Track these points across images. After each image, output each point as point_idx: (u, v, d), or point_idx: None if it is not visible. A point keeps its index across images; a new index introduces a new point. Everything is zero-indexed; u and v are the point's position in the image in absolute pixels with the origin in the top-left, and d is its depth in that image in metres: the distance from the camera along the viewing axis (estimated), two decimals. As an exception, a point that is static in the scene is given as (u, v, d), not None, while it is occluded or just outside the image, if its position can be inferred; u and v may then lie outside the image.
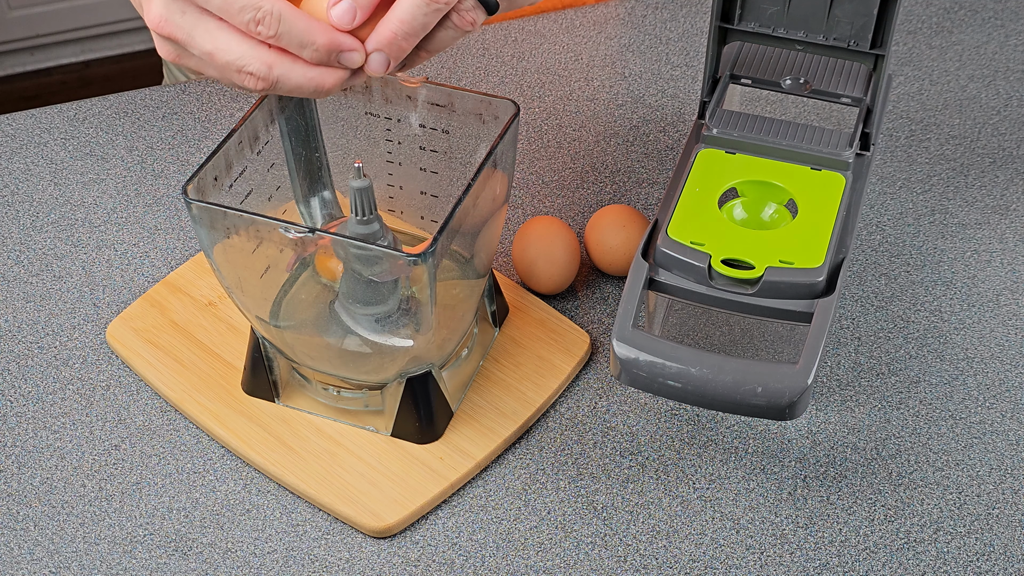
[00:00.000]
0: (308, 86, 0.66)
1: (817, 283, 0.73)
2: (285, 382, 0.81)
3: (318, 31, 0.64)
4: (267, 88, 0.65)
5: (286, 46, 0.65)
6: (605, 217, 0.88)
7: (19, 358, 0.86)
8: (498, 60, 1.08)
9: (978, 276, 0.91)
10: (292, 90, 0.66)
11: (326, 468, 0.78)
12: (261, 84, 0.65)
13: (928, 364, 0.85)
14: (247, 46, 0.65)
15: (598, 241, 0.88)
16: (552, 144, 1.01)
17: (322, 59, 0.65)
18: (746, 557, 0.75)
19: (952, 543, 0.76)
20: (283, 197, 0.83)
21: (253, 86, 0.65)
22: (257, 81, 0.65)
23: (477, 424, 0.80)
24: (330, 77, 0.66)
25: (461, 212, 0.71)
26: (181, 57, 0.67)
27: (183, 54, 0.67)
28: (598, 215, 0.89)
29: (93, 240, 0.94)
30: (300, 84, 0.66)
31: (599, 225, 0.88)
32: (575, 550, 0.76)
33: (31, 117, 1.03)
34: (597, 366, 0.85)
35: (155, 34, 0.67)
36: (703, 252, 0.74)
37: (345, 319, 0.78)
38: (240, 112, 1.03)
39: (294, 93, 0.66)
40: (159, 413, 0.83)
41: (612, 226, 0.88)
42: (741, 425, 0.82)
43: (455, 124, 0.79)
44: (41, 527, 0.77)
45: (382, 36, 0.66)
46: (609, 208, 0.89)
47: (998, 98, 1.04)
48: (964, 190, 0.97)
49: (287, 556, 0.75)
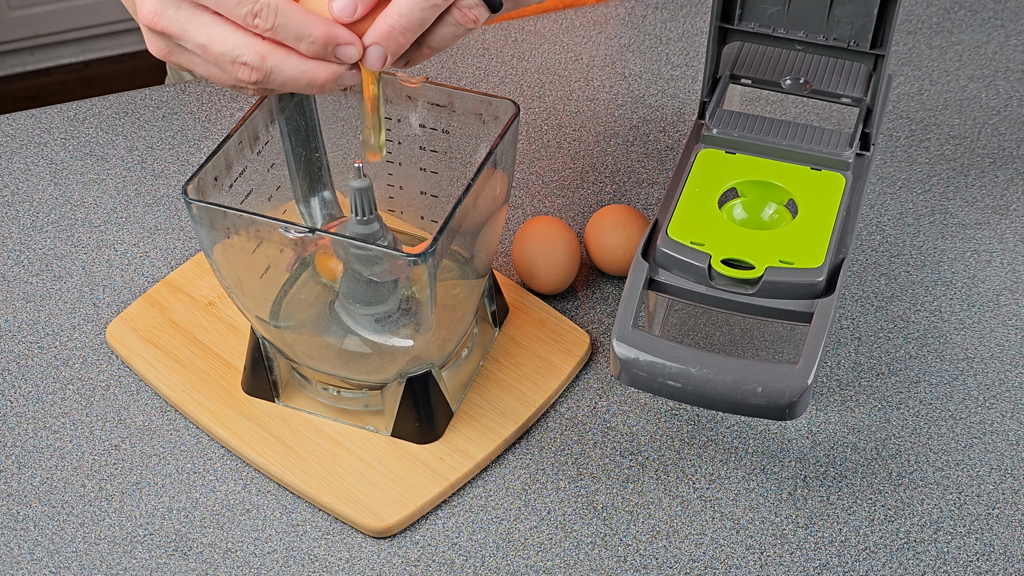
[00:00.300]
0: (302, 79, 0.66)
1: (817, 283, 0.73)
2: (285, 382, 0.81)
3: (316, 24, 0.64)
4: (260, 79, 0.65)
5: (283, 39, 0.65)
6: (605, 217, 0.89)
7: (19, 358, 0.86)
8: (498, 60, 1.08)
9: (978, 276, 0.91)
10: (286, 83, 0.66)
11: (326, 468, 0.78)
12: (255, 75, 0.65)
13: (928, 364, 0.85)
14: (241, 37, 0.64)
15: (598, 241, 0.88)
16: (552, 144, 1.01)
17: (318, 52, 0.65)
18: (746, 557, 0.75)
19: (952, 543, 0.76)
20: (283, 197, 0.83)
21: (247, 77, 0.65)
22: (251, 72, 0.65)
23: (477, 424, 0.80)
24: (324, 71, 0.66)
25: (461, 212, 0.71)
26: (172, 53, 0.67)
27: (175, 50, 0.67)
28: (598, 215, 0.89)
29: (93, 240, 0.94)
30: (294, 76, 0.65)
31: (599, 225, 0.88)
32: (575, 550, 0.76)
33: (31, 117, 1.03)
34: (597, 366, 0.85)
35: (147, 30, 0.67)
36: (703, 252, 0.74)
37: (345, 319, 0.78)
38: (240, 112, 1.03)
39: (288, 87, 0.66)
40: (159, 413, 0.83)
41: (612, 226, 0.88)
42: (741, 425, 0.82)
43: (455, 124, 0.79)
44: (41, 527, 0.77)
45: (380, 30, 0.66)
46: (609, 208, 0.89)
47: (998, 98, 1.04)
48: (964, 190, 0.97)
49: (287, 556, 0.75)
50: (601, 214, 0.89)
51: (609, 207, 0.89)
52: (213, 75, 0.67)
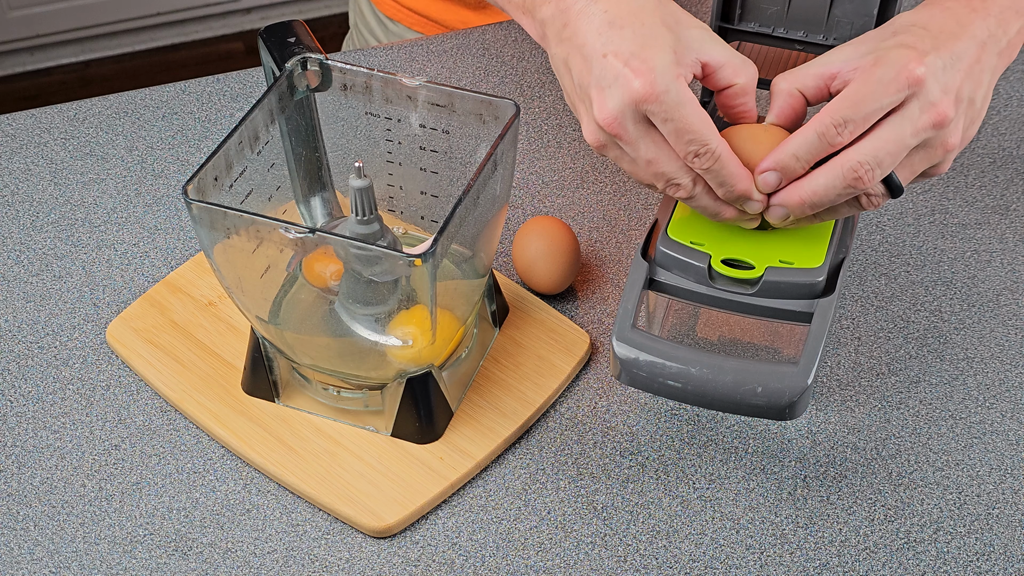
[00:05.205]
0: (710, 210, 0.73)
1: (817, 283, 0.73)
2: (285, 382, 0.81)
3: (739, 179, 0.70)
4: (683, 198, 0.72)
5: (708, 180, 0.71)
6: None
7: (19, 358, 0.86)
8: (498, 60, 1.08)
9: (978, 276, 0.91)
10: (696, 207, 0.73)
11: (326, 468, 0.78)
12: (681, 194, 0.71)
13: (928, 364, 0.85)
14: (677, 165, 0.70)
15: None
16: (552, 144, 1.01)
17: (730, 200, 0.72)
18: (746, 557, 0.75)
19: (952, 543, 0.76)
20: (283, 197, 0.83)
21: (672, 193, 0.72)
22: (679, 190, 0.71)
23: (477, 424, 0.80)
24: (728, 212, 0.73)
25: (461, 212, 0.71)
26: (608, 149, 0.72)
27: (613, 148, 0.71)
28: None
29: (93, 240, 0.94)
30: (706, 207, 0.72)
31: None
32: (575, 550, 0.76)
33: (31, 117, 1.03)
34: (597, 366, 0.85)
35: (596, 127, 0.71)
36: (703, 252, 0.74)
37: (345, 319, 0.78)
38: (240, 112, 1.03)
39: (694, 207, 0.73)
40: (159, 413, 0.83)
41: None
42: (741, 425, 0.82)
43: (455, 124, 0.79)
44: (41, 527, 0.77)
45: (791, 198, 0.71)
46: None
47: (998, 98, 1.04)
48: (964, 190, 0.97)
49: (287, 556, 0.75)
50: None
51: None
52: (639, 175, 0.72)
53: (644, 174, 0.71)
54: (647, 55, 0.68)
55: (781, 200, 0.71)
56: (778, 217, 0.72)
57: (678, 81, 0.68)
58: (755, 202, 0.71)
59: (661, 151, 0.70)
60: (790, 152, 0.69)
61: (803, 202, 0.70)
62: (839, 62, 0.71)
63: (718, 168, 0.69)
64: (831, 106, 0.68)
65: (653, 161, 0.70)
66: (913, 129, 0.68)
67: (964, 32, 0.70)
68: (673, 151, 0.70)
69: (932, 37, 0.69)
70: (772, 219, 0.72)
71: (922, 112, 0.68)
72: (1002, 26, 0.72)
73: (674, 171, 0.70)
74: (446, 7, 1.16)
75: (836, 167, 0.69)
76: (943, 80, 0.68)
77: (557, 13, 0.72)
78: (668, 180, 0.71)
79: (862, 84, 0.68)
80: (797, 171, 0.70)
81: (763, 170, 0.70)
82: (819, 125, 0.68)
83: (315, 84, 0.80)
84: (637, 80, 0.68)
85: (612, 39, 0.69)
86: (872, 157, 0.68)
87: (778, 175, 0.70)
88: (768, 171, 0.70)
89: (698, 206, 0.73)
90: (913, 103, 0.68)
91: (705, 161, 0.69)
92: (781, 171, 0.70)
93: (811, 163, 0.70)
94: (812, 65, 0.72)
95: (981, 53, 0.70)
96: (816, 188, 0.70)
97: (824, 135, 0.68)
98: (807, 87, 0.72)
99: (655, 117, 0.68)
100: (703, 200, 0.72)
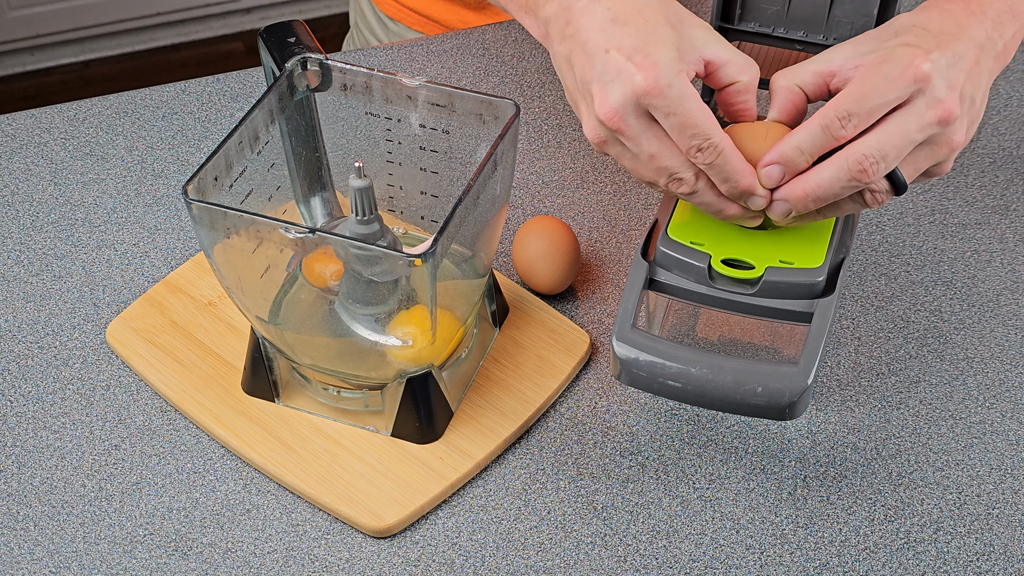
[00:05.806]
0: (713, 207, 0.72)
1: (817, 283, 0.73)
2: (285, 382, 0.81)
3: (743, 175, 0.70)
4: (685, 194, 0.71)
5: (711, 175, 0.70)
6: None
7: (19, 358, 0.86)
8: (498, 60, 1.08)
9: (978, 276, 0.91)
10: (698, 204, 0.72)
11: (326, 468, 0.78)
12: (684, 189, 0.71)
13: (928, 364, 0.85)
14: (680, 160, 0.70)
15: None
16: (552, 144, 1.01)
17: (733, 196, 0.71)
18: (746, 557, 0.75)
19: (952, 543, 0.76)
20: (283, 197, 0.83)
21: (675, 189, 0.71)
22: (681, 186, 0.71)
23: (477, 424, 0.80)
24: (733, 209, 0.72)
25: (461, 212, 0.71)
26: (609, 145, 0.71)
27: (614, 144, 0.71)
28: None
29: (93, 240, 0.94)
30: (708, 203, 0.72)
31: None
32: (575, 550, 0.76)
33: (31, 117, 1.03)
34: (597, 366, 0.85)
35: (597, 122, 0.70)
36: (703, 252, 0.74)
37: (345, 319, 0.78)
38: (240, 112, 1.03)
39: (696, 205, 0.73)
40: (159, 413, 0.83)
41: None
42: (741, 425, 0.82)
43: (455, 124, 0.79)
44: (41, 527, 0.77)
45: (795, 192, 0.70)
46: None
47: (998, 98, 1.04)
48: (964, 190, 0.97)
49: (287, 556, 0.75)
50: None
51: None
52: (641, 171, 0.71)
53: (646, 170, 0.71)
54: (650, 50, 0.68)
55: (784, 194, 0.71)
56: (781, 213, 0.71)
57: (681, 76, 0.68)
58: (758, 198, 0.71)
59: (663, 146, 0.70)
60: (794, 145, 0.69)
61: (807, 196, 0.70)
62: (839, 60, 0.71)
63: (721, 163, 0.69)
64: (836, 100, 0.68)
65: (655, 156, 0.70)
66: (919, 124, 0.68)
67: (963, 33, 0.70)
68: (675, 146, 0.70)
69: (933, 37, 0.69)
70: (775, 215, 0.72)
71: (928, 108, 0.68)
72: (998, 29, 0.72)
73: (677, 166, 0.70)
74: (447, 7, 1.16)
75: (841, 160, 0.69)
76: (948, 77, 0.68)
77: (560, 11, 0.72)
78: (671, 175, 0.70)
79: (868, 79, 0.68)
80: (801, 165, 0.70)
81: (766, 164, 0.70)
82: (823, 118, 0.68)
83: (315, 84, 0.80)
84: (640, 74, 0.68)
85: (615, 35, 0.69)
86: (877, 150, 0.68)
87: (781, 169, 0.70)
88: (772, 165, 0.70)
89: (701, 203, 0.72)
90: (919, 99, 0.68)
91: (708, 156, 0.69)
92: (784, 164, 0.70)
93: (815, 157, 0.70)
94: (811, 63, 0.72)
95: (980, 55, 0.70)
96: (820, 181, 0.69)
97: (828, 128, 0.68)
98: (806, 83, 0.72)
99: (658, 112, 0.68)
100: (706, 196, 0.72)
